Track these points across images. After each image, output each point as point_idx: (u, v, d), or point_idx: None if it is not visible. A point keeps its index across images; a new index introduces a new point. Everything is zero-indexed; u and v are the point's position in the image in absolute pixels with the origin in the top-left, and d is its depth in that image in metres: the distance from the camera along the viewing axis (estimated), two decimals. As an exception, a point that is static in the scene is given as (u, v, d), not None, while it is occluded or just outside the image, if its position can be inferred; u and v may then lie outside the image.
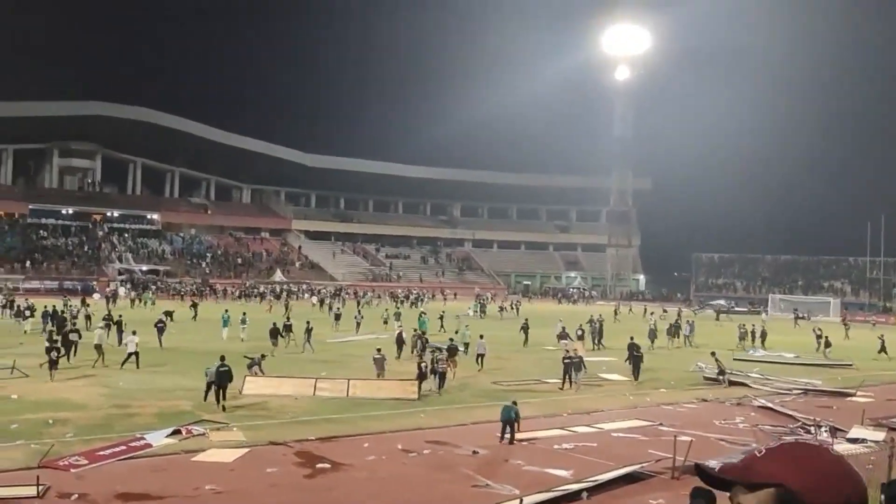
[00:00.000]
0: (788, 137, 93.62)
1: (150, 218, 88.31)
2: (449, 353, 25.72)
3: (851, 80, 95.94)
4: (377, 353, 24.78)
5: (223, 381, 19.62)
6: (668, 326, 39.89)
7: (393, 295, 70.90)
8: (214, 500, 12.66)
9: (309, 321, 33.32)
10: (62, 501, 12.19)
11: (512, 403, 17.12)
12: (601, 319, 40.04)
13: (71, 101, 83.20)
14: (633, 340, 28.31)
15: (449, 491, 13.60)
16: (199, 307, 47.31)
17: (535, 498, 12.76)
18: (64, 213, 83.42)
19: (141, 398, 20.49)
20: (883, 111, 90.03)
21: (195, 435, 16.52)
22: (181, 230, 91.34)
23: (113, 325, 31.70)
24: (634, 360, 27.10)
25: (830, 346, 36.15)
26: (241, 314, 36.85)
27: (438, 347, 27.35)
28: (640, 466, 14.73)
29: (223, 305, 48.05)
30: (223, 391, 19.62)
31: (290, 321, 34.53)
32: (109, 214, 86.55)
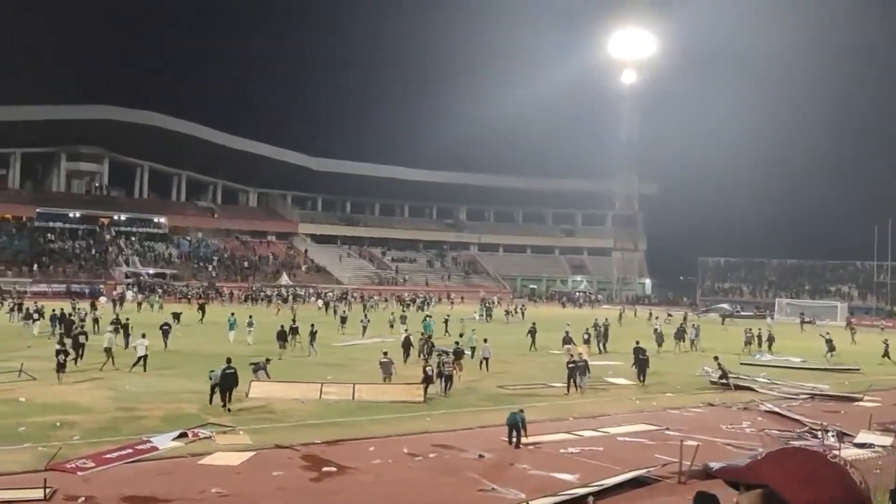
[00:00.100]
0: (795, 141, 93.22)
1: (156, 221, 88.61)
2: (455, 356, 25.76)
3: (858, 82, 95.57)
4: (384, 356, 24.79)
5: (229, 383, 19.73)
6: (675, 331, 39.78)
7: (400, 299, 70.99)
8: (220, 503, 12.69)
9: (313, 324, 33.38)
10: (69, 504, 12.23)
11: (518, 411, 17.12)
12: (606, 324, 39.96)
13: (79, 105, 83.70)
14: (638, 344, 28.29)
15: (454, 495, 13.59)
16: (206, 310, 47.54)
17: (541, 502, 12.77)
18: (71, 216, 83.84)
19: (147, 401, 20.55)
20: (890, 114, 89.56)
21: (201, 438, 16.57)
22: (188, 233, 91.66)
23: (120, 328, 31.85)
24: (640, 363, 27.10)
25: (834, 349, 36.02)
26: (247, 317, 36.95)
27: (445, 351, 27.35)
28: (646, 471, 14.71)
29: (229, 309, 48.15)
30: (229, 394, 19.72)
31: (296, 324, 34.60)
32: (116, 218, 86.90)
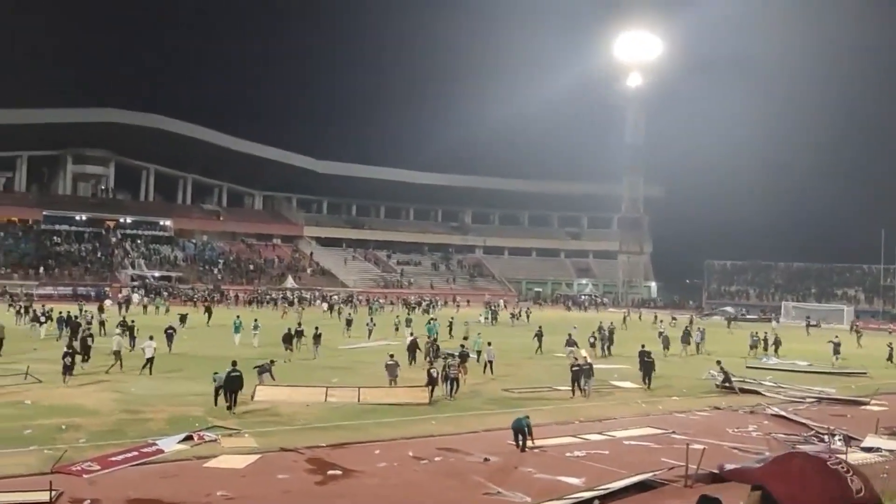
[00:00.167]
0: (801, 143, 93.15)
1: (162, 224, 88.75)
2: (460, 359, 25.73)
3: (864, 85, 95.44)
4: (390, 358, 24.78)
5: (234, 386, 19.76)
6: (682, 334, 39.66)
7: (406, 302, 70.98)
8: (226, 506, 12.69)
9: (317, 327, 33.43)
10: (75, 507, 12.25)
11: (524, 417, 17.11)
12: (612, 327, 39.88)
13: (85, 108, 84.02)
14: (644, 348, 28.22)
15: (460, 498, 13.56)
16: (212, 312, 47.69)
17: (546, 506, 12.74)
18: (77, 219, 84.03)
19: (153, 404, 20.59)
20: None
21: (207, 441, 16.59)
22: (193, 236, 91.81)
23: (126, 330, 31.96)
24: (646, 366, 27.01)
25: (839, 353, 35.91)
26: (252, 320, 37.00)
27: (451, 354, 27.34)
28: (652, 475, 14.66)
29: (235, 311, 48.23)
30: (234, 396, 19.75)
31: (301, 327, 34.65)
32: (122, 221, 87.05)
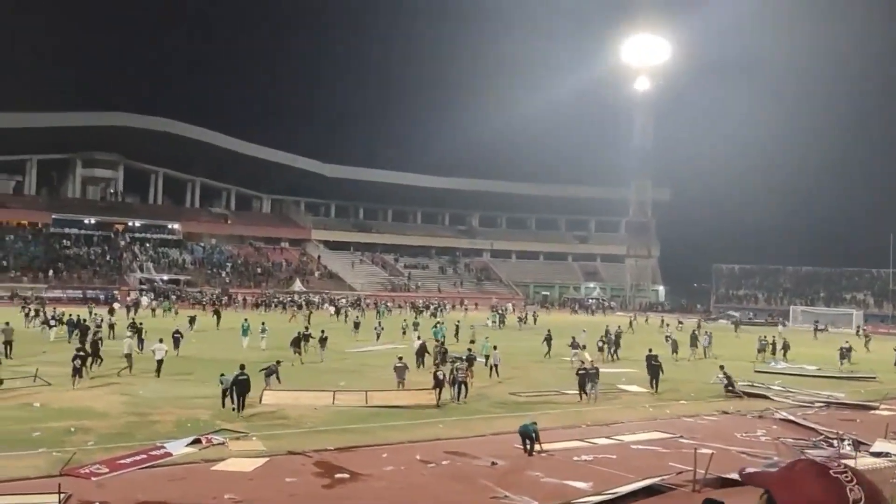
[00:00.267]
0: (809, 147, 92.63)
1: (171, 227, 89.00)
2: (468, 362, 25.74)
3: (872, 89, 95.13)
4: (398, 361, 24.82)
5: (242, 389, 19.81)
6: (690, 338, 39.54)
7: (413, 305, 71.01)
8: (233, 509, 12.71)
9: (324, 330, 33.50)
10: (83, 509, 12.28)
11: (531, 423, 17.09)
12: (619, 331, 39.78)
13: (94, 112, 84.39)
14: (651, 352, 28.15)
15: (467, 502, 13.56)
16: (221, 315, 47.85)
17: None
18: (86, 222, 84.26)
19: (161, 407, 20.65)
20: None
21: (215, 444, 16.62)
22: (202, 240, 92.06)
23: (135, 333, 32.11)
24: (653, 370, 26.93)
25: (846, 358, 35.75)
26: (260, 324, 37.09)
27: (459, 357, 27.34)
28: (660, 479, 14.60)
29: (243, 315, 48.35)
30: (242, 400, 19.79)
31: (308, 330, 34.73)
32: (131, 224, 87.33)
